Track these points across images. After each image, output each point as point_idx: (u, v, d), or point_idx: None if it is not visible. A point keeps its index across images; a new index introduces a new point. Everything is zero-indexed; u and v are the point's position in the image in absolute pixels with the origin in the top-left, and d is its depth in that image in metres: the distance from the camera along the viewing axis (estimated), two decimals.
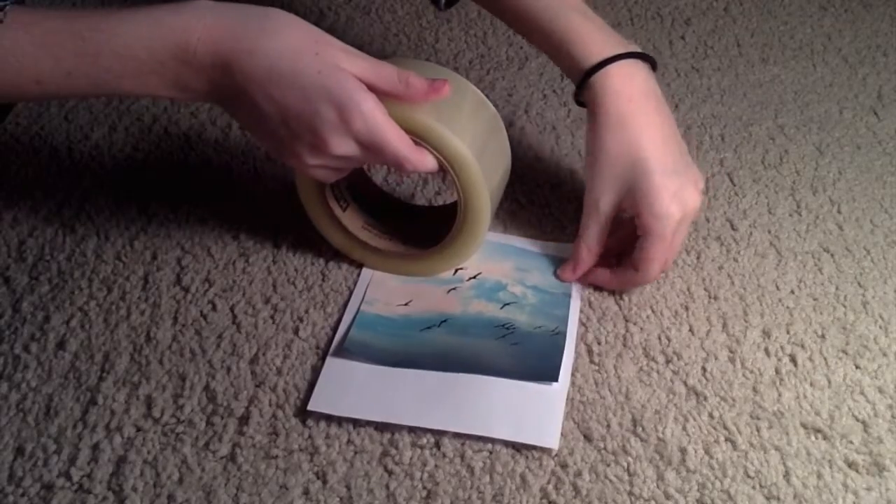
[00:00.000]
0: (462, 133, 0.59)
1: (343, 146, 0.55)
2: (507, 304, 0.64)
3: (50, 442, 0.55)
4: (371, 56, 0.56)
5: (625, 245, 0.64)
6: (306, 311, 0.64)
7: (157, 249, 0.69)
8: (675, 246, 0.63)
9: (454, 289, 0.65)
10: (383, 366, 0.59)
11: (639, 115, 0.62)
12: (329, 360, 0.60)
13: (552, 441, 0.55)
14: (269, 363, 0.60)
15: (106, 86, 0.54)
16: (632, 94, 0.62)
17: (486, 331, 0.62)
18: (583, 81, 0.63)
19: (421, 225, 0.69)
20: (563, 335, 0.62)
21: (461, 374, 0.58)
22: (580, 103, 0.66)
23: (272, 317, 0.64)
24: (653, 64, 0.65)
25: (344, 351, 0.60)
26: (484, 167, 0.61)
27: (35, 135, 0.80)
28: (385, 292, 0.65)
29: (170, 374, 0.59)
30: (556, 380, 0.58)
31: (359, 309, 0.64)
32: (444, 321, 0.63)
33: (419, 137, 0.58)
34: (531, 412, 0.56)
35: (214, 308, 0.64)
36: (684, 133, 0.83)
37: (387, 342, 0.61)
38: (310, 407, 0.57)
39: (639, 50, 0.64)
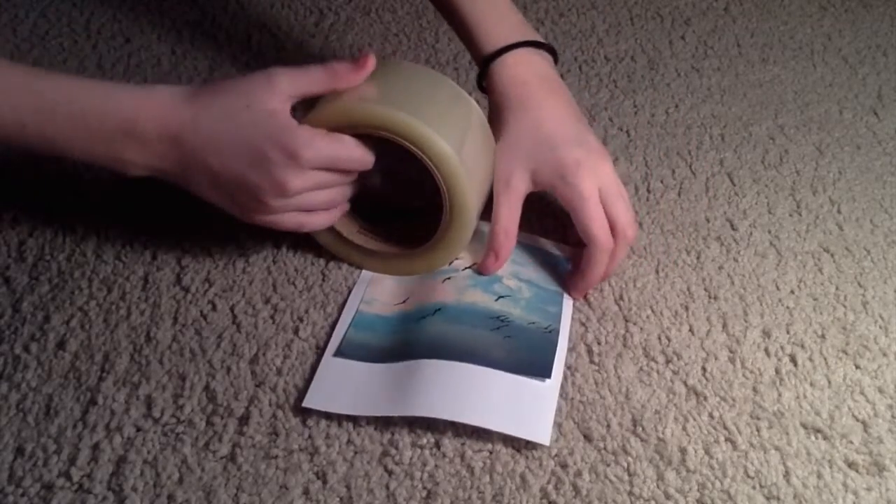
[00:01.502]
0: (440, 128, 0.59)
1: (300, 180, 0.58)
2: (502, 296, 0.64)
3: (50, 442, 0.55)
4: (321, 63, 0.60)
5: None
6: (306, 311, 0.64)
7: (157, 249, 0.69)
8: (619, 212, 0.63)
9: (449, 278, 0.65)
10: (380, 362, 0.59)
11: (535, 97, 0.65)
12: (325, 359, 0.60)
13: (544, 437, 0.55)
14: (269, 363, 0.60)
15: (56, 146, 0.58)
16: (526, 78, 0.66)
17: (480, 321, 0.62)
18: (483, 68, 0.68)
19: (414, 224, 0.69)
20: (556, 333, 0.62)
21: (455, 363, 0.58)
22: (482, 89, 0.69)
23: (272, 317, 0.64)
24: (552, 52, 0.69)
25: (339, 349, 0.60)
26: (464, 159, 0.61)
27: None
28: (383, 292, 0.65)
29: (170, 374, 0.59)
30: (549, 377, 0.58)
31: (357, 309, 0.64)
32: (439, 310, 0.63)
33: (396, 135, 0.58)
34: (523, 406, 0.56)
35: (214, 308, 0.64)
36: (684, 132, 0.84)
37: (384, 340, 0.61)
38: (304, 404, 0.57)
39: (539, 39, 0.68)
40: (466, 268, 0.66)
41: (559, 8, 1.03)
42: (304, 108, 0.60)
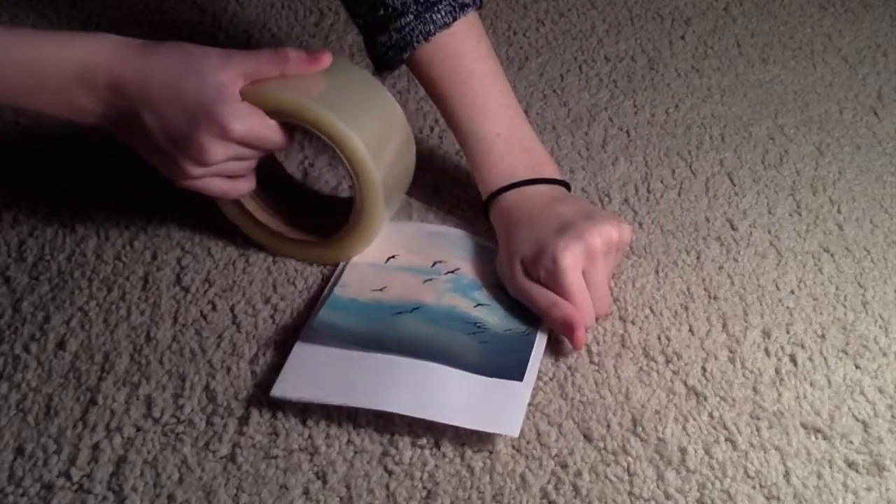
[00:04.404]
0: (363, 133, 0.61)
1: (221, 151, 0.59)
2: (481, 304, 0.64)
3: (50, 442, 0.55)
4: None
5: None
6: (306, 311, 0.64)
7: (157, 249, 0.69)
8: (597, 298, 0.62)
9: (430, 280, 0.65)
10: (351, 349, 0.59)
11: (527, 210, 0.65)
12: (297, 346, 0.60)
13: (513, 429, 0.54)
14: (269, 363, 0.60)
15: (13, 96, 0.58)
16: (519, 205, 0.66)
17: (457, 324, 0.62)
18: (485, 205, 0.68)
19: (326, 213, 0.70)
20: (534, 335, 0.61)
21: (428, 363, 0.58)
22: (485, 216, 0.69)
23: (272, 317, 0.64)
24: (546, 181, 0.67)
25: (312, 332, 0.60)
26: (380, 164, 0.62)
27: (35, 134, 0.80)
28: (360, 277, 0.65)
29: (170, 374, 0.60)
30: (522, 379, 0.58)
31: (332, 292, 0.64)
32: (417, 308, 0.63)
33: (324, 135, 0.60)
34: (494, 403, 0.56)
35: (214, 308, 0.64)
36: (684, 132, 0.84)
37: (356, 325, 0.61)
38: (272, 393, 0.56)
39: (545, 175, 0.67)
40: (448, 272, 0.66)
41: (559, 8, 1.03)
42: None
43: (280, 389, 0.57)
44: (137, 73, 0.57)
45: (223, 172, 0.61)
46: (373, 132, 0.62)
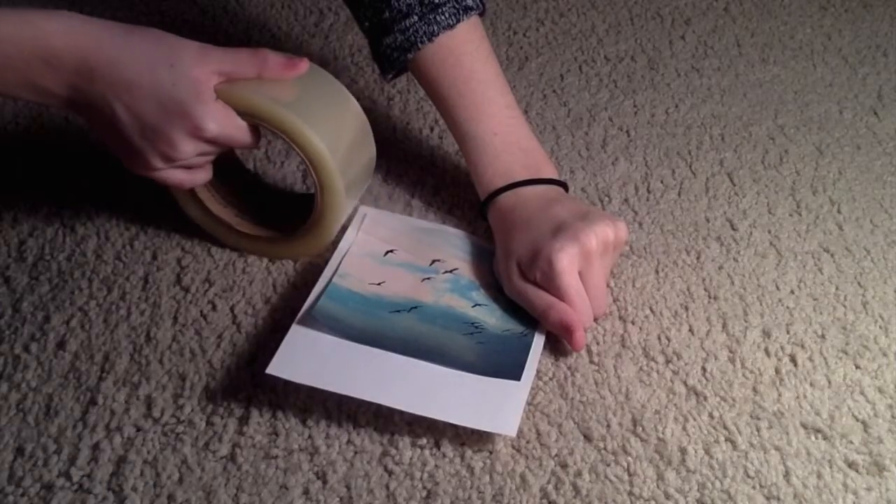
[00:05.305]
0: (320, 129, 0.61)
1: (191, 149, 0.58)
2: (479, 304, 0.64)
3: (50, 442, 0.55)
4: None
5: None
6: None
7: (157, 249, 0.69)
8: (595, 299, 0.62)
9: (428, 278, 0.65)
10: (348, 340, 0.59)
11: (521, 213, 0.65)
12: (294, 328, 0.59)
13: (511, 428, 0.54)
14: (269, 363, 0.60)
15: None
16: (512, 208, 0.66)
17: (455, 324, 0.62)
18: (482, 206, 0.68)
19: (281, 209, 0.70)
20: (532, 336, 0.61)
21: (426, 363, 0.58)
22: (483, 217, 0.70)
23: (272, 317, 0.64)
24: (543, 181, 0.67)
25: (311, 319, 0.60)
26: (340, 163, 0.63)
27: (35, 134, 0.80)
28: (359, 268, 0.65)
29: (170, 374, 0.60)
30: (519, 378, 0.58)
31: (330, 280, 0.64)
32: (415, 307, 0.63)
33: (293, 143, 0.60)
34: (491, 402, 0.56)
35: (214, 308, 0.64)
36: (684, 132, 0.84)
37: (354, 318, 0.61)
38: (268, 370, 0.56)
39: (542, 176, 0.67)
40: (446, 272, 0.66)
41: (559, 8, 1.03)
42: None
43: (276, 368, 0.56)
44: (109, 59, 0.55)
45: (184, 165, 0.61)
46: (338, 141, 0.63)
